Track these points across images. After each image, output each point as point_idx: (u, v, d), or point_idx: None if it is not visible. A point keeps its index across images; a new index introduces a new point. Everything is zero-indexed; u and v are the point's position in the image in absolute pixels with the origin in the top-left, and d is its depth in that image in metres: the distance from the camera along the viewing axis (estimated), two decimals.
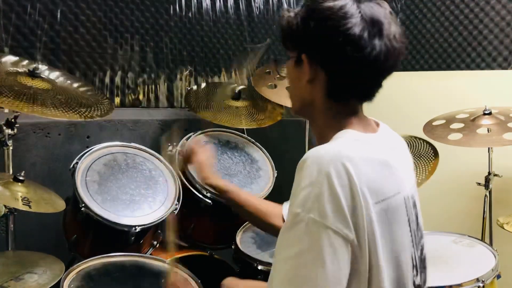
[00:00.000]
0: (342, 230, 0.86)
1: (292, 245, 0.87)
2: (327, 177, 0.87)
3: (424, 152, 2.30)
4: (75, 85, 2.03)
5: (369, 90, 1.03)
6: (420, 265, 1.07)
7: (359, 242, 0.88)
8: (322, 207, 0.85)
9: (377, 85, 1.03)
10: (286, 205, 1.39)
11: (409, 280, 1.00)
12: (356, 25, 0.94)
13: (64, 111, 1.77)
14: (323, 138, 1.03)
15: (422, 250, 1.08)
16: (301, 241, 0.85)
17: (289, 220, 0.89)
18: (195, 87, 2.68)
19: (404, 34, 1.02)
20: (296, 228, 0.87)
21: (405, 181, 1.03)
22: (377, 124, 1.11)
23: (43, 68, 1.91)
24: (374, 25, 0.95)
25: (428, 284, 1.12)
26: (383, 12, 0.97)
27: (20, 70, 1.86)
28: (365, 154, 0.93)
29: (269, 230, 1.50)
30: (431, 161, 2.23)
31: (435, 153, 2.27)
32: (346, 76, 0.98)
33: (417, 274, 1.03)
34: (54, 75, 1.98)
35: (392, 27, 0.98)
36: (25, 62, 1.94)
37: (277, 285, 0.87)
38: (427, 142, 2.32)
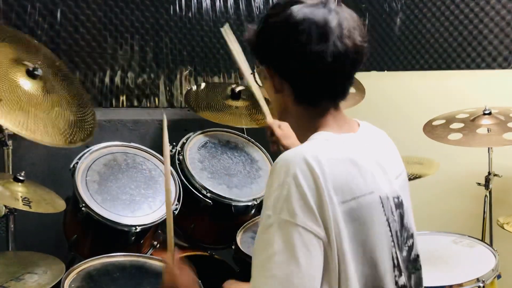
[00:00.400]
0: (312, 227, 0.88)
1: (266, 248, 0.90)
2: (293, 178, 0.90)
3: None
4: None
5: (337, 88, 1.05)
6: (407, 266, 1.05)
7: (328, 239, 0.90)
8: (291, 207, 0.88)
9: (344, 82, 1.05)
10: None
11: (389, 280, 1.00)
12: (301, 32, 0.96)
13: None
14: (302, 139, 1.06)
15: (410, 251, 1.07)
16: (275, 243, 0.88)
17: (262, 223, 0.92)
18: (194, 87, 2.68)
19: (360, 26, 1.02)
20: (269, 230, 0.90)
21: (383, 181, 1.02)
22: (358, 124, 1.12)
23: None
24: (318, 29, 0.96)
25: (425, 285, 1.12)
26: (330, 11, 0.98)
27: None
28: (333, 154, 0.95)
29: None
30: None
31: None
32: (307, 82, 1.02)
33: (400, 275, 1.02)
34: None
35: (344, 24, 0.98)
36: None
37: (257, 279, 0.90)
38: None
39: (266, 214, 0.91)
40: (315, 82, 1.02)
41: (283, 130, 1.59)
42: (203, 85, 2.71)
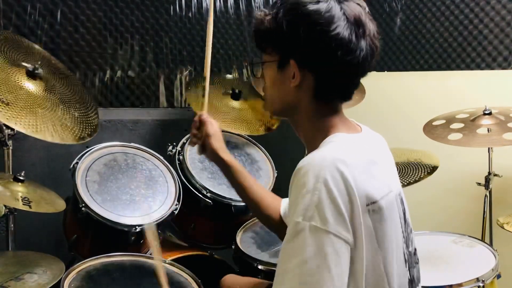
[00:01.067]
0: (342, 233, 0.88)
1: (296, 255, 0.87)
2: (324, 184, 0.88)
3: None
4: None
5: (351, 89, 1.06)
6: (410, 260, 1.07)
7: (355, 244, 0.89)
8: (322, 213, 0.87)
9: (357, 84, 1.07)
10: (285, 201, 1.38)
11: (402, 275, 1.01)
12: (343, 28, 0.95)
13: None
14: (310, 140, 1.05)
15: (411, 245, 1.10)
16: (305, 249, 0.86)
17: (291, 230, 0.89)
18: (194, 87, 2.68)
19: (378, 32, 1.04)
20: (299, 237, 0.88)
21: (393, 179, 1.06)
22: (357, 124, 1.14)
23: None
24: (359, 26, 0.97)
25: (422, 280, 1.13)
26: (362, 11, 0.99)
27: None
28: (356, 156, 0.95)
29: (263, 219, 1.43)
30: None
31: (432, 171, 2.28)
32: (335, 78, 1.00)
33: (408, 269, 1.05)
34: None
35: (371, 25, 1.00)
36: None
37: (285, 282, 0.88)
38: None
39: (295, 221, 0.89)
40: (342, 78, 1.00)
41: (215, 131, 1.44)
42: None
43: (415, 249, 1.12)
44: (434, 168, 2.26)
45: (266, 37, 1.03)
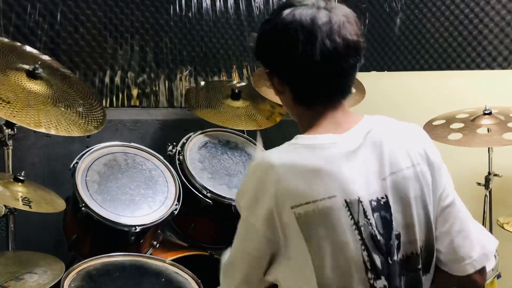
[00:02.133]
0: (254, 223, 1.03)
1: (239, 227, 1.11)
2: (249, 179, 1.04)
3: None
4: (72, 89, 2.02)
5: (332, 87, 1.07)
6: (391, 268, 1.02)
7: (274, 235, 1.01)
8: (243, 200, 1.05)
9: (340, 79, 1.06)
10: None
11: (357, 283, 1.00)
12: (290, 35, 1.02)
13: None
14: None
15: (397, 252, 1.03)
16: (240, 223, 1.10)
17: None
18: (194, 86, 2.68)
19: (353, 23, 1.05)
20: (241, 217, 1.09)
21: (356, 184, 1.00)
22: (359, 121, 1.09)
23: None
24: (305, 29, 1.01)
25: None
26: (315, 12, 1.02)
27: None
28: (290, 161, 1.01)
29: None
30: None
31: None
32: (302, 82, 1.06)
33: (378, 278, 1.01)
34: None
35: (334, 18, 1.01)
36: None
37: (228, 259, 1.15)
38: None
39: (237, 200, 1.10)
40: (309, 82, 1.06)
41: None
42: (202, 83, 2.71)
43: (408, 256, 1.06)
44: None
45: (253, 54, 1.16)
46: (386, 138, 1.08)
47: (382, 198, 1.03)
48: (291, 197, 0.98)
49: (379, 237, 1.02)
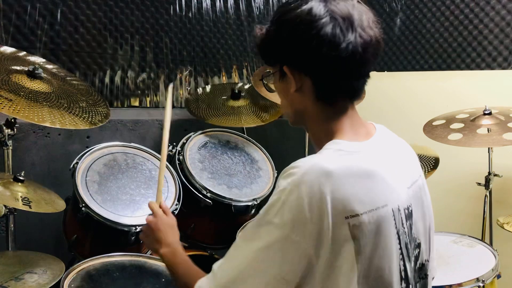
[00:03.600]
0: (298, 240, 0.89)
1: (253, 240, 0.93)
2: (297, 188, 0.90)
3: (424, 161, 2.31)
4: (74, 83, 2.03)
5: (356, 84, 1.03)
6: (414, 276, 1.04)
7: (316, 253, 0.90)
8: (283, 215, 0.90)
9: (362, 78, 1.04)
10: None
11: None
12: (326, 24, 0.95)
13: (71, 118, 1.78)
14: (318, 145, 1.04)
15: (416, 260, 1.06)
16: (260, 240, 0.92)
17: (258, 218, 0.95)
18: (193, 91, 2.68)
19: (376, 20, 1.02)
20: (260, 227, 0.93)
21: (397, 191, 1.00)
22: (374, 128, 1.09)
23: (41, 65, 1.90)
24: (344, 20, 0.96)
25: None
26: (351, 5, 0.99)
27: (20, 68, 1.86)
28: (346, 168, 0.93)
29: None
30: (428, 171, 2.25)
31: (434, 166, 2.29)
32: (330, 76, 0.99)
33: (407, 287, 1.02)
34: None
35: (364, 16, 0.99)
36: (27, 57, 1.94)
37: (227, 269, 0.95)
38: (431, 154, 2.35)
39: (262, 212, 0.94)
40: (338, 75, 0.99)
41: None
42: (202, 87, 2.71)
43: (422, 264, 1.08)
44: (436, 161, 2.27)
45: (263, 50, 1.07)
46: (398, 147, 1.10)
47: (409, 206, 1.03)
48: (347, 207, 0.91)
49: (409, 245, 1.02)
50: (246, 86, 2.70)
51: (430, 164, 2.30)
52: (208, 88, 2.71)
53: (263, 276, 0.91)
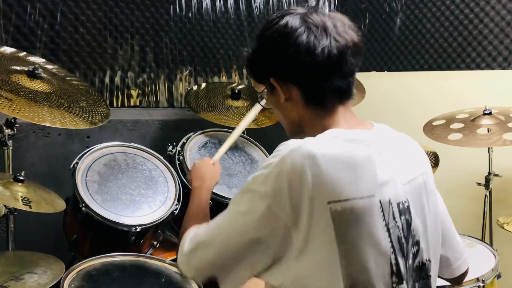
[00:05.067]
0: (276, 212, 0.95)
1: (236, 205, 1.03)
2: (280, 165, 0.97)
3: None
4: (74, 83, 2.03)
5: (341, 84, 1.08)
6: (411, 274, 1.04)
7: (295, 228, 0.95)
8: (266, 186, 0.97)
9: (346, 78, 1.08)
10: None
11: (381, 286, 0.98)
12: (301, 33, 1.04)
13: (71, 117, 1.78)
14: None
15: (415, 258, 1.05)
16: (243, 205, 1.01)
17: (244, 186, 1.03)
18: (195, 87, 2.68)
19: (352, 25, 1.10)
20: (244, 193, 1.02)
21: (390, 185, 1.01)
22: (372, 125, 1.13)
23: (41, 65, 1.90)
24: (318, 28, 1.04)
25: None
26: (324, 15, 1.07)
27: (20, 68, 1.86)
28: (334, 153, 0.97)
29: None
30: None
31: (435, 163, 2.29)
32: (312, 79, 1.06)
33: (400, 282, 1.01)
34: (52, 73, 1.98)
35: (338, 23, 1.07)
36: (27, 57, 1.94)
37: (211, 227, 1.07)
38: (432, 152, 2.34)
39: (249, 181, 1.02)
40: (321, 78, 1.05)
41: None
42: (203, 85, 2.71)
43: (423, 263, 1.07)
44: (436, 158, 2.27)
45: (250, 68, 1.16)
46: (398, 144, 1.12)
47: (405, 202, 1.04)
48: (330, 192, 0.94)
49: (403, 240, 1.02)
50: (240, 87, 2.70)
51: (430, 160, 2.30)
52: (203, 85, 2.71)
53: (241, 237, 0.99)
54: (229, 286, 1.05)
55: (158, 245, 2.05)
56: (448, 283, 1.67)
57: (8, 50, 1.95)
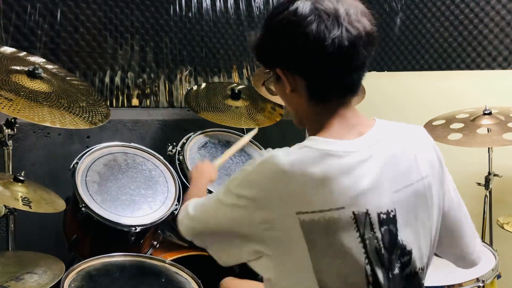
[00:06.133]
0: (247, 214, 0.99)
1: (218, 194, 1.07)
2: (252, 174, 1.00)
3: None
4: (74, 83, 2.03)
5: (349, 80, 1.03)
6: (395, 284, 1.02)
7: (271, 229, 0.97)
8: (240, 189, 1.01)
9: (356, 72, 1.03)
10: None
11: None
12: (311, 22, 0.96)
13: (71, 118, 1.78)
14: None
15: (404, 267, 1.03)
16: (221, 197, 1.05)
17: (227, 181, 1.06)
18: (195, 87, 2.68)
19: (367, 12, 1.03)
20: (224, 187, 1.06)
21: (371, 195, 0.97)
22: (372, 127, 1.06)
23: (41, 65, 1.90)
24: (329, 16, 0.97)
25: (424, 284, 1.09)
26: (335, 1, 0.99)
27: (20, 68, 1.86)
28: (302, 165, 0.95)
29: None
30: None
31: None
32: (320, 72, 1.00)
33: None
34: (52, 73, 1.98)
35: (351, 10, 0.99)
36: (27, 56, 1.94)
37: (192, 205, 1.18)
38: None
39: (228, 181, 1.05)
40: (329, 71, 1.00)
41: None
42: (203, 85, 2.71)
43: (415, 272, 1.05)
44: None
45: (257, 54, 1.10)
46: (397, 148, 1.05)
47: (392, 211, 1.00)
48: (297, 203, 0.94)
49: (383, 251, 1.00)
50: (240, 87, 2.70)
51: None
52: (203, 85, 2.71)
53: (218, 222, 1.07)
54: (216, 256, 1.17)
55: (158, 245, 2.05)
56: (447, 283, 1.68)
57: (8, 50, 1.95)
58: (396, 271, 1.01)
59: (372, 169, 0.98)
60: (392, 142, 1.05)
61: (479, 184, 2.28)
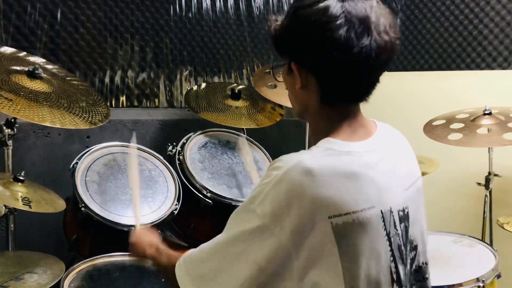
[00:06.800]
0: (276, 232, 0.90)
1: (234, 225, 0.98)
2: (279, 184, 0.91)
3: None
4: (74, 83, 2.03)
5: (365, 89, 1.01)
6: (410, 279, 1.03)
7: (296, 248, 0.90)
8: (265, 206, 0.92)
9: (373, 83, 1.01)
10: None
11: None
12: (340, 26, 0.91)
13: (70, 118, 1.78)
14: (317, 141, 1.02)
15: (412, 263, 1.04)
16: (241, 225, 0.95)
17: (243, 205, 0.98)
18: (195, 87, 2.68)
19: (395, 24, 0.99)
20: (243, 213, 0.97)
21: (390, 193, 0.98)
22: (375, 127, 1.07)
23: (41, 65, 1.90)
24: (360, 22, 0.92)
25: None
26: (369, 6, 0.95)
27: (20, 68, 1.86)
28: (330, 167, 0.92)
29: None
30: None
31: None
32: (338, 79, 0.97)
33: None
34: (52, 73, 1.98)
35: (381, 20, 0.95)
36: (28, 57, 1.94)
37: (209, 245, 1.02)
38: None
39: (246, 201, 0.97)
40: (346, 79, 0.97)
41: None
42: (203, 85, 2.71)
43: (419, 266, 1.07)
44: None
45: (274, 42, 1.05)
46: (400, 147, 1.08)
47: (405, 208, 1.02)
48: (330, 207, 0.90)
49: (403, 247, 1.01)
50: (240, 87, 2.70)
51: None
52: (203, 85, 2.71)
53: (237, 259, 0.93)
54: None
55: None
56: (447, 283, 1.68)
57: (8, 50, 1.95)
58: (408, 267, 1.03)
59: (387, 168, 1.00)
60: (395, 142, 1.08)
61: (479, 184, 2.28)
